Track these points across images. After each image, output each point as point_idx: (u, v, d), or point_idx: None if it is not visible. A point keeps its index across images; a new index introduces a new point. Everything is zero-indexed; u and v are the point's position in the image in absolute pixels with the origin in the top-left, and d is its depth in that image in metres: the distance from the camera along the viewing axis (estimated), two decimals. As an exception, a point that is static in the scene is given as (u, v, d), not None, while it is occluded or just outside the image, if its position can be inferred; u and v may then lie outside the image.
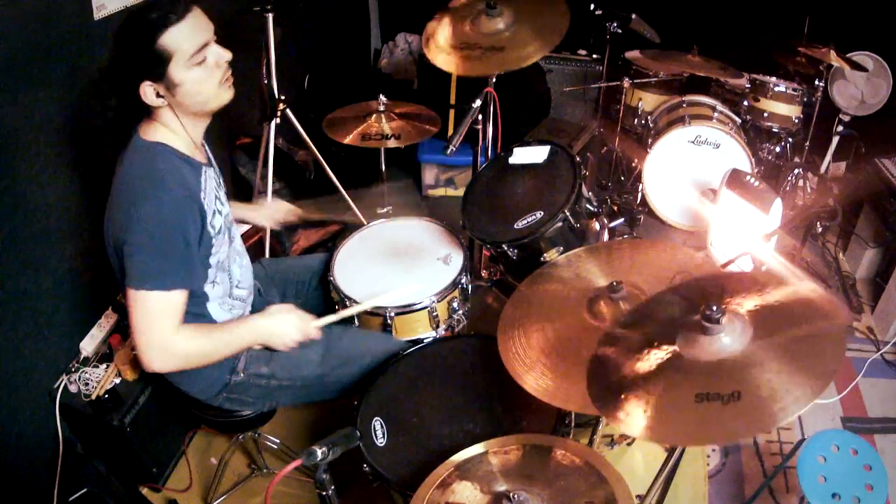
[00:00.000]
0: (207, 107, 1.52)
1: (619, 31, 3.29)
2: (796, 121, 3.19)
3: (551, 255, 1.85)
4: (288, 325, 1.68)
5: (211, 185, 1.59)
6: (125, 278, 1.45)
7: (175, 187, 1.46)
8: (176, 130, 1.51)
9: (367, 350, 1.85)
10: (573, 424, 1.69)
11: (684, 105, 3.29)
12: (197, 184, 1.54)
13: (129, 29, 1.41)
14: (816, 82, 3.05)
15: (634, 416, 1.08)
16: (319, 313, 2.08)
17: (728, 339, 1.11)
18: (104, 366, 2.08)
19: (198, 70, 1.44)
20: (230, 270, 1.69)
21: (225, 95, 1.52)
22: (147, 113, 1.49)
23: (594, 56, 3.73)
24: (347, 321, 1.93)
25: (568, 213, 1.82)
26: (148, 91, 1.42)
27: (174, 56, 1.40)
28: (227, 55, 1.49)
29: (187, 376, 1.69)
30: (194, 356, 1.56)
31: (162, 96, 1.44)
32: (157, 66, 1.40)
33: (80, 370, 2.05)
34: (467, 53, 2.08)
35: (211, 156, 1.69)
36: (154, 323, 1.46)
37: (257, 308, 1.78)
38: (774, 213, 2.55)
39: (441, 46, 2.14)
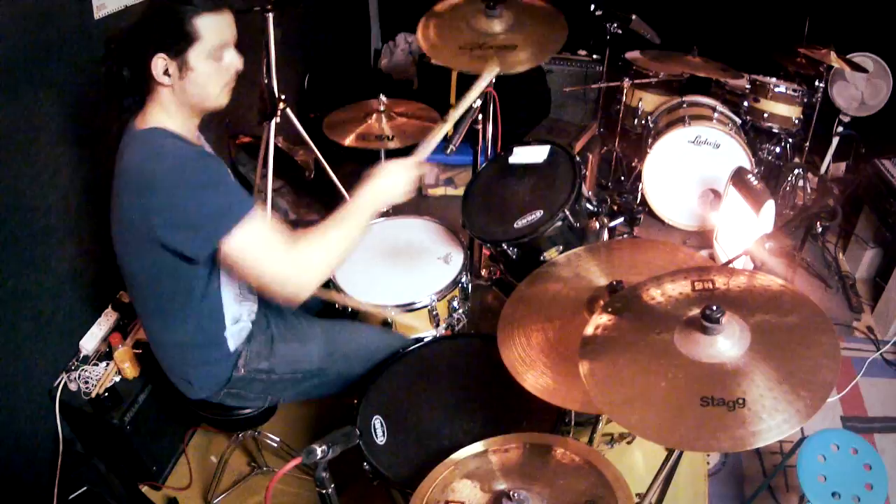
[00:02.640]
0: (205, 104, 1.52)
1: (620, 31, 3.29)
2: (796, 121, 3.19)
3: (551, 254, 1.85)
4: (398, 184, 1.58)
5: None
6: (208, 242, 1.39)
7: (182, 149, 1.45)
8: (173, 114, 1.50)
9: (368, 343, 1.86)
10: (573, 423, 1.70)
11: (684, 105, 3.30)
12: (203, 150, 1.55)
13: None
14: (816, 83, 3.05)
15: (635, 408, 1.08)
16: (319, 312, 2.09)
17: (726, 343, 1.11)
18: (104, 364, 2.08)
19: (212, 64, 1.46)
20: None
21: (223, 99, 1.54)
22: (145, 95, 1.48)
23: (594, 56, 3.73)
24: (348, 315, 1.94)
25: (568, 213, 1.82)
26: (159, 64, 1.42)
27: (199, 41, 1.42)
28: (240, 63, 1.52)
29: (193, 375, 1.70)
30: (330, 253, 1.48)
31: (169, 75, 1.44)
32: (179, 43, 1.41)
33: (80, 368, 2.06)
34: (462, 49, 2.07)
35: (205, 142, 1.68)
36: (266, 252, 1.42)
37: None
38: (766, 215, 2.55)
39: (435, 38, 2.15)
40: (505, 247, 1.87)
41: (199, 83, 1.46)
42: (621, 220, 2.05)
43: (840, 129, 3.37)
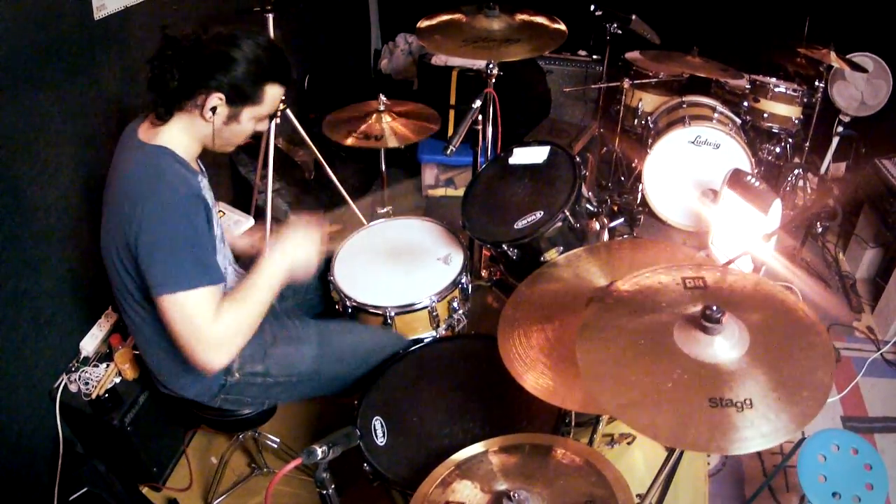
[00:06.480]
0: (221, 148, 1.60)
1: (620, 31, 3.29)
2: (796, 121, 3.19)
3: (551, 255, 1.85)
4: (304, 250, 1.64)
5: (209, 194, 1.60)
6: (150, 288, 1.43)
7: (178, 186, 1.45)
8: (187, 138, 1.52)
9: (363, 343, 1.86)
10: (573, 424, 1.70)
11: (684, 106, 3.29)
12: (198, 186, 1.54)
13: (259, 56, 1.46)
14: (816, 83, 3.05)
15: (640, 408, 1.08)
16: (319, 313, 2.09)
17: (725, 343, 1.11)
18: (104, 365, 2.08)
19: (252, 124, 1.56)
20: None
21: (230, 147, 1.62)
22: (173, 108, 1.48)
23: (594, 57, 3.73)
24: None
25: (568, 213, 1.82)
26: (214, 102, 1.45)
27: (258, 105, 1.51)
28: (263, 129, 1.64)
29: (185, 381, 1.70)
30: (242, 330, 1.51)
31: (214, 113, 1.47)
32: (244, 97, 1.48)
33: (80, 370, 2.05)
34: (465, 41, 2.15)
35: (203, 169, 1.70)
36: (191, 323, 1.43)
37: None
38: (773, 214, 2.55)
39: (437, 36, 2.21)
40: (505, 248, 1.87)
41: (235, 133, 1.54)
42: (621, 220, 2.05)
43: (840, 128, 3.37)
